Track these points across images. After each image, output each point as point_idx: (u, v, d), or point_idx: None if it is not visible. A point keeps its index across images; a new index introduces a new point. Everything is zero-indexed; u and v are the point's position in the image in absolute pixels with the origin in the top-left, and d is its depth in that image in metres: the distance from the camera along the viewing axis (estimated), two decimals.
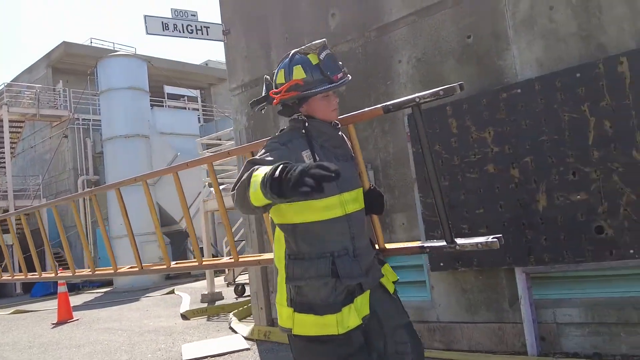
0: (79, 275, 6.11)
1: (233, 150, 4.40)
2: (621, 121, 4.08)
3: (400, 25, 5.58)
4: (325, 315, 2.17)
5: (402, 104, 2.58)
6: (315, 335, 2.20)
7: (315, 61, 2.42)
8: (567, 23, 4.51)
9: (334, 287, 2.19)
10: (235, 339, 6.89)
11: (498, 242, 2.39)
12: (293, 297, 2.23)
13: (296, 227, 2.23)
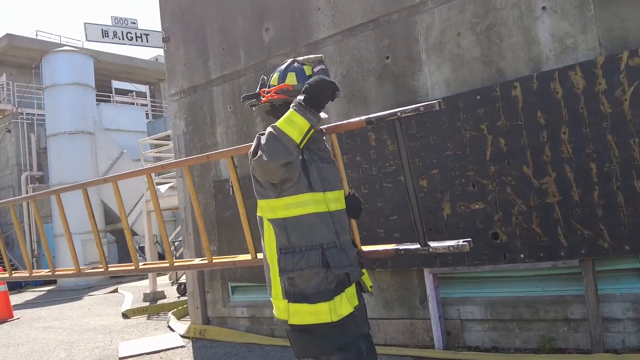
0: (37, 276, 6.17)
1: (167, 164, 4.64)
2: (514, 139, 4.60)
3: (327, 43, 5.97)
4: (319, 304, 2.34)
5: (384, 117, 2.77)
6: (310, 324, 2.35)
7: (309, 72, 2.63)
8: (472, 49, 5.00)
9: (325, 277, 2.36)
10: (172, 337, 7.17)
11: (468, 245, 2.56)
12: (287, 289, 2.38)
13: (286, 221, 2.41)
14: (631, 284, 4.45)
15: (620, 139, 4.18)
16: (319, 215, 2.44)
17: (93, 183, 5.69)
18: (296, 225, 2.40)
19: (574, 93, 4.34)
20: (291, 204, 2.41)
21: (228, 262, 4.44)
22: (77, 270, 5.33)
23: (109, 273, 5.16)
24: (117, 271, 5.40)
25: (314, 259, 2.37)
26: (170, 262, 4.63)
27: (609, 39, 4.39)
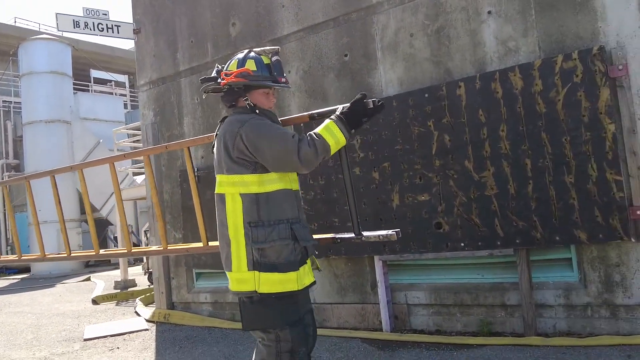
0: (4, 261, 6.38)
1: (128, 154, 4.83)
2: (457, 136, 4.89)
3: (291, 40, 6.21)
4: (288, 273, 2.57)
5: (325, 113, 3.03)
6: (278, 292, 2.55)
7: (267, 62, 2.85)
8: (423, 49, 5.28)
9: (293, 249, 2.62)
10: (137, 321, 7.38)
11: (396, 235, 2.85)
12: (256, 259, 2.59)
13: (259, 196, 2.63)
14: (562, 273, 4.77)
15: (553, 137, 4.48)
16: (287, 193, 2.71)
17: (60, 170, 5.91)
18: (267, 201, 2.63)
19: (513, 93, 4.65)
20: (265, 180, 2.65)
21: (181, 249, 4.72)
22: (42, 255, 5.54)
23: (72, 258, 5.38)
24: (79, 256, 5.63)
25: (284, 232, 2.62)
26: (129, 249, 4.89)
27: (548, 42, 4.70)
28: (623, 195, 4.23)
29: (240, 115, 2.76)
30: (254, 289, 2.57)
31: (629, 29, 4.37)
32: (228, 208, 2.65)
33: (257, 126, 2.65)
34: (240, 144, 2.62)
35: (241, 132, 2.63)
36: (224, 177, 2.70)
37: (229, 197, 2.66)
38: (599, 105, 4.31)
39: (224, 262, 2.73)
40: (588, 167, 4.34)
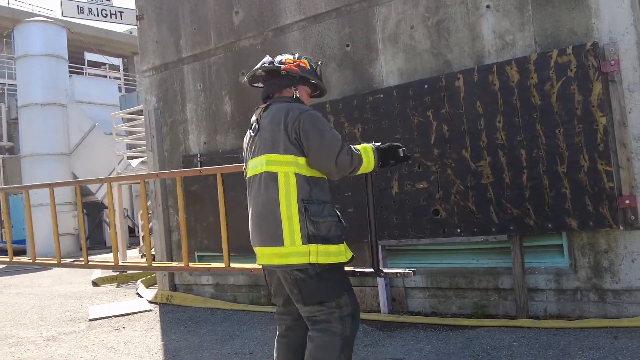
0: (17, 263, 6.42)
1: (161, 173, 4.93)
2: (455, 126, 5.08)
3: (293, 29, 6.35)
4: (339, 245, 2.81)
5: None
6: (332, 263, 2.76)
7: (314, 67, 3.17)
8: (423, 41, 5.44)
9: (338, 225, 2.87)
10: (140, 302, 7.57)
11: (412, 273, 3.26)
12: (312, 233, 2.72)
13: (309, 178, 2.83)
14: (554, 259, 4.99)
15: (547, 129, 4.68)
16: (325, 180, 2.96)
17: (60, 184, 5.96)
18: (316, 184, 2.86)
19: (509, 86, 4.83)
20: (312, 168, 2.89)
21: (202, 267, 4.63)
22: (33, 260, 5.79)
23: (62, 265, 5.59)
24: (70, 264, 5.80)
25: (331, 210, 2.87)
26: (149, 263, 4.87)
27: (544, 37, 4.88)
28: (613, 185, 4.45)
29: (297, 104, 2.94)
30: (310, 261, 2.71)
31: (621, 25, 4.55)
32: (281, 185, 2.78)
33: (315, 117, 2.84)
34: (298, 128, 2.79)
35: (301, 118, 2.79)
36: (278, 156, 2.81)
37: (282, 175, 2.79)
38: (591, 99, 4.51)
39: (269, 238, 2.82)
40: (580, 158, 4.55)
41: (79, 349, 5.41)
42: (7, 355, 5.33)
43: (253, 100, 6.67)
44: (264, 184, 2.85)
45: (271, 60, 3.06)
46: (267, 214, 2.83)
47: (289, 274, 2.81)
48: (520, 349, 4.24)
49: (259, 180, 2.88)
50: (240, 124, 6.81)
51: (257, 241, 2.93)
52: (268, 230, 2.83)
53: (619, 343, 4.13)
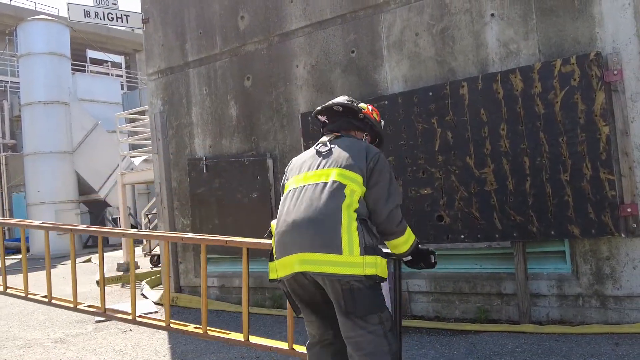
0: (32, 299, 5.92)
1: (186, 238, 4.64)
2: (459, 133, 5.14)
3: (299, 35, 6.40)
4: (384, 259, 2.81)
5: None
6: (381, 276, 2.75)
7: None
8: (428, 48, 5.50)
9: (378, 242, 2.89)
10: (146, 303, 7.65)
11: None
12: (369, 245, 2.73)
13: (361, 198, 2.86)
14: (556, 265, 5.06)
15: (550, 137, 4.74)
16: None
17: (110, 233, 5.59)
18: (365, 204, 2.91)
19: (513, 94, 4.89)
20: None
21: (221, 337, 4.21)
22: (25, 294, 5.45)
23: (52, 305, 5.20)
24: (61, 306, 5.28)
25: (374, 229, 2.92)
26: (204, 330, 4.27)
27: (548, 46, 4.93)
28: (615, 194, 4.51)
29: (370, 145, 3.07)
30: (365, 272, 2.72)
31: (624, 35, 4.61)
32: (347, 197, 2.81)
33: (387, 164, 2.98)
34: (376, 162, 2.88)
35: (379, 156, 2.92)
36: (352, 173, 2.87)
37: (349, 189, 2.83)
38: (594, 108, 4.57)
39: (323, 245, 2.78)
40: (583, 166, 4.61)
41: (87, 351, 5.49)
42: (17, 358, 5.41)
43: (258, 105, 6.74)
44: (326, 193, 2.84)
45: (351, 100, 3.18)
46: (324, 220, 2.79)
47: (345, 284, 2.76)
48: (523, 354, 4.31)
49: (315, 188, 2.87)
50: (245, 128, 6.87)
51: (298, 247, 2.80)
52: (323, 238, 2.77)
53: (620, 349, 4.20)
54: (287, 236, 2.83)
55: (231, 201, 6.88)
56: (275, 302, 6.66)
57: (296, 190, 2.92)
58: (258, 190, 6.66)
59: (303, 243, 2.78)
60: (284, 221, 2.86)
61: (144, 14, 7.97)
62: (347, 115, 3.14)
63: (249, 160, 6.74)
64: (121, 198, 12.72)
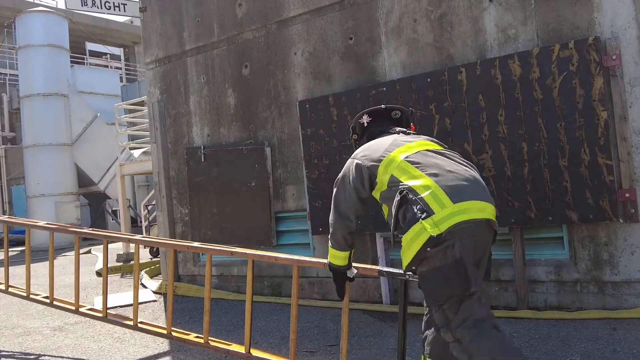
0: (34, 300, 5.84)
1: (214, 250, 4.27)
2: (458, 119, 5.12)
3: (296, 22, 6.37)
4: None
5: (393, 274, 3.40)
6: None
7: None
8: (426, 35, 5.47)
9: None
10: (145, 292, 7.66)
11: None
12: None
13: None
14: (554, 251, 5.06)
15: (548, 123, 4.73)
16: None
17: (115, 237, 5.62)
18: None
19: (511, 80, 4.87)
20: None
21: (222, 349, 4.12)
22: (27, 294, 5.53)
23: (54, 306, 5.31)
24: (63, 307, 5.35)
25: None
26: (205, 339, 4.22)
27: (546, 31, 4.91)
28: (613, 179, 4.50)
29: None
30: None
31: (623, 20, 4.58)
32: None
33: None
34: None
35: None
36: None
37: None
38: (592, 93, 4.55)
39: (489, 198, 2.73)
40: (581, 152, 4.60)
41: (86, 339, 5.50)
42: (15, 346, 5.42)
43: (256, 93, 6.72)
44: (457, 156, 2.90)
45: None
46: (477, 176, 2.78)
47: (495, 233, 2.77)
48: (520, 339, 4.31)
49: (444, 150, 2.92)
50: (243, 116, 6.85)
51: (481, 196, 2.65)
52: (486, 190, 2.74)
53: (618, 334, 4.20)
54: (468, 184, 2.63)
55: (229, 190, 6.87)
56: (274, 290, 6.66)
57: (428, 152, 2.82)
58: (256, 179, 6.65)
59: (484, 194, 2.68)
60: (449, 171, 2.66)
61: (142, 3, 7.94)
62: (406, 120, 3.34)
63: (247, 148, 6.72)
64: (120, 189, 12.71)
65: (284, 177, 6.57)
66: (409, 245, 2.54)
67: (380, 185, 2.81)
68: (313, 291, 6.34)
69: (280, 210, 6.61)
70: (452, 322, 2.50)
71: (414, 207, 2.53)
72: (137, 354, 4.91)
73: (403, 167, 2.72)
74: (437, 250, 2.48)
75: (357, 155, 2.97)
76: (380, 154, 2.85)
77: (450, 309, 2.50)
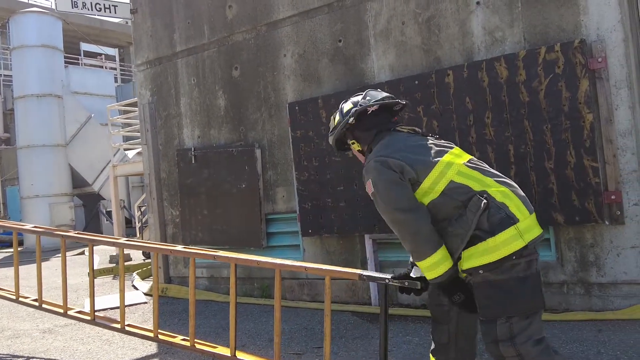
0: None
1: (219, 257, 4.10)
2: (445, 122, 5.14)
3: (286, 24, 6.38)
4: None
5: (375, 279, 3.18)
6: None
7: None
8: (414, 37, 5.49)
9: None
10: (136, 294, 7.66)
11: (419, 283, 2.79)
12: None
13: None
14: (541, 252, 4.96)
15: (534, 125, 4.75)
16: None
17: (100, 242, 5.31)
18: None
19: (498, 82, 4.89)
20: None
21: (208, 352, 4.12)
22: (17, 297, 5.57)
23: (42, 309, 5.39)
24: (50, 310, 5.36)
25: None
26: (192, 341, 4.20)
27: (533, 34, 4.93)
28: (599, 181, 4.52)
29: None
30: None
31: (609, 23, 4.60)
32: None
33: None
34: None
35: None
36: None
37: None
38: (578, 96, 4.57)
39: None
40: (567, 154, 4.62)
41: (75, 341, 5.50)
42: (4, 348, 5.41)
43: (246, 95, 6.73)
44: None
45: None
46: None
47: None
48: None
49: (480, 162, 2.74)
50: (233, 118, 6.86)
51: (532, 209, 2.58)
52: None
53: (603, 336, 4.22)
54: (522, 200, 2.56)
55: (220, 192, 6.88)
56: (264, 291, 6.67)
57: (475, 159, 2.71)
58: (246, 181, 6.65)
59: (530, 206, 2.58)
60: (504, 182, 2.60)
61: (132, 4, 7.93)
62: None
63: (238, 150, 6.73)
64: (113, 190, 12.71)
65: (274, 179, 6.58)
66: (495, 249, 2.39)
67: (427, 191, 2.55)
68: (303, 293, 6.35)
69: (270, 212, 6.62)
70: (518, 337, 2.38)
71: (499, 213, 2.43)
72: (125, 356, 4.91)
73: (466, 173, 2.56)
74: (521, 261, 2.41)
75: (386, 154, 2.61)
76: (426, 158, 2.59)
77: (518, 324, 2.39)
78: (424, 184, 2.54)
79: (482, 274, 2.42)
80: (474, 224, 2.43)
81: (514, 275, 2.40)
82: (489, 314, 2.45)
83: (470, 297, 2.49)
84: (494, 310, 2.43)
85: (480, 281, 2.44)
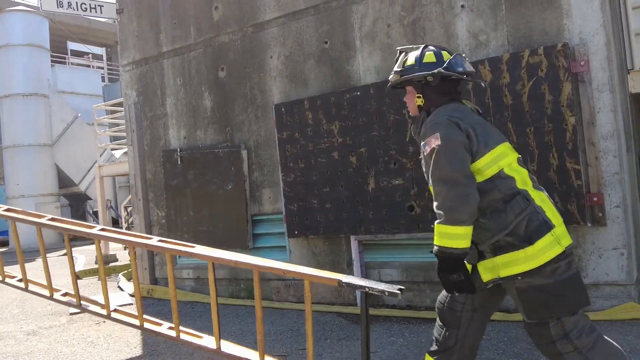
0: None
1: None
2: None
3: (272, 25, 6.38)
4: None
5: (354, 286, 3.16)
6: None
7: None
8: (399, 39, 5.51)
9: None
10: (121, 295, 7.62)
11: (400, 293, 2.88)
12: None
13: None
14: None
15: (518, 128, 4.79)
16: None
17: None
18: None
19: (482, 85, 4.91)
20: None
21: (194, 344, 4.09)
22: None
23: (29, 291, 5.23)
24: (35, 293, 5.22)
25: None
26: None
27: (517, 37, 4.97)
28: (581, 183, 4.57)
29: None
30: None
31: (591, 26, 4.65)
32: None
33: None
34: None
35: None
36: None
37: None
38: (561, 99, 4.62)
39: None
40: (550, 157, 4.66)
41: (59, 343, 5.46)
42: None
43: (232, 96, 6.72)
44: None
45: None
46: None
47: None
48: (490, 342, 4.36)
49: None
50: (220, 119, 6.85)
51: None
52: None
53: None
54: (554, 203, 2.65)
55: (206, 192, 6.87)
56: (250, 293, 6.66)
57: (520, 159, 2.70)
58: (232, 182, 6.65)
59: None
60: (540, 188, 2.65)
61: (119, 5, 7.90)
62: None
63: (224, 151, 6.72)
64: (99, 191, 12.62)
65: (261, 180, 6.58)
66: (534, 256, 2.44)
67: (477, 171, 2.54)
68: (289, 294, 6.35)
69: (256, 213, 6.62)
70: (572, 333, 2.46)
71: (537, 219, 2.48)
72: (109, 358, 4.89)
73: (516, 168, 2.59)
74: (561, 264, 2.47)
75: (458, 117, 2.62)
76: (488, 138, 2.60)
77: (569, 321, 2.47)
78: (477, 163, 2.54)
79: (522, 279, 2.47)
80: (512, 226, 2.47)
81: (558, 279, 2.46)
82: (538, 317, 2.50)
83: (467, 278, 2.53)
84: (544, 313, 2.48)
85: (525, 287, 2.48)
